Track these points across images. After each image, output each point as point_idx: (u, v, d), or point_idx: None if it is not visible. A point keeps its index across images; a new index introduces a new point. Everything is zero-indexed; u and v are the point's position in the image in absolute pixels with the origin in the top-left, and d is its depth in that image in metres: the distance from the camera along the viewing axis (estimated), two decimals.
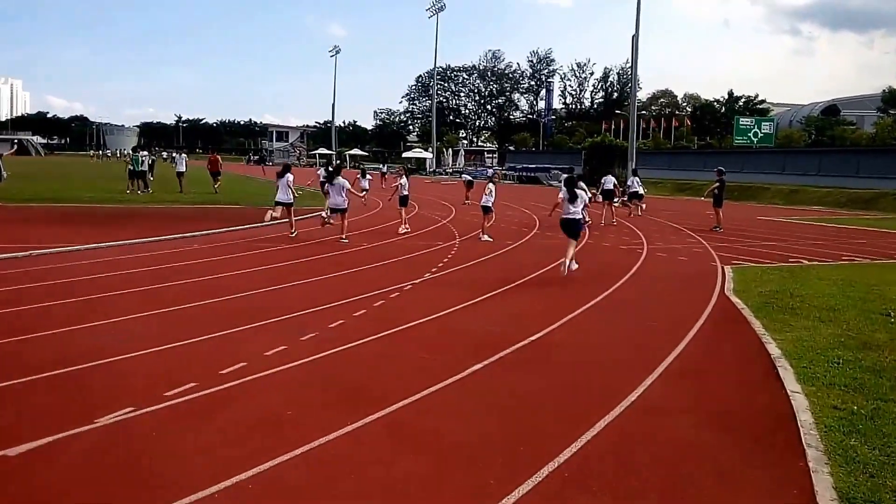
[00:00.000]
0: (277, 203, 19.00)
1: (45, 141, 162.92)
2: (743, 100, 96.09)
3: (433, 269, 13.94)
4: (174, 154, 52.26)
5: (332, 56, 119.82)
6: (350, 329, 8.92)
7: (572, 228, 13.91)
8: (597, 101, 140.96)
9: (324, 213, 20.67)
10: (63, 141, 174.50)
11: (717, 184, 24.54)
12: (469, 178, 38.01)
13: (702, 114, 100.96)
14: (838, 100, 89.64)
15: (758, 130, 70.47)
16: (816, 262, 16.58)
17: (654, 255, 17.11)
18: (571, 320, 9.86)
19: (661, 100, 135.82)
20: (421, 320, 9.56)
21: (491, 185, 21.13)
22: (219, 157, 38.67)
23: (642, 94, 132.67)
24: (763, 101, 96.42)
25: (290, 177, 19.16)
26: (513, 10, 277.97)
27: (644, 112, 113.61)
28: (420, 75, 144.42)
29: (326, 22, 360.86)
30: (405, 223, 21.43)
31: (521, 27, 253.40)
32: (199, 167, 48.53)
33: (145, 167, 33.67)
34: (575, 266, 13.41)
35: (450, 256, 16.00)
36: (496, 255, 16.64)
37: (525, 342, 8.45)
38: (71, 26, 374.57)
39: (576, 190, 13.95)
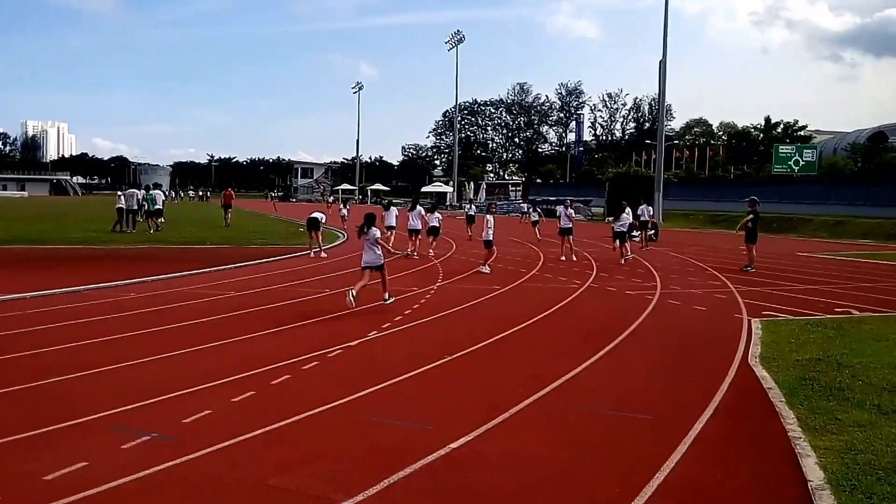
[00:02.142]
0: (365, 267, 13.41)
1: (84, 181, 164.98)
2: (782, 126, 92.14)
3: (384, 325, 11.08)
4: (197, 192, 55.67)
5: (355, 92, 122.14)
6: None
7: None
8: (628, 131, 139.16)
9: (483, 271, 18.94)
10: (104, 181, 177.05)
11: (750, 216, 21.19)
12: (471, 213, 35.50)
13: (738, 141, 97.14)
14: (886, 126, 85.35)
15: (799, 158, 67.16)
16: (870, 314, 13.29)
17: (666, 304, 14.09)
18: (512, 419, 6.89)
19: (696, 129, 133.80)
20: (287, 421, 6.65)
21: (489, 217, 20.77)
22: (232, 192, 43.27)
23: (676, 124, 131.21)
24: (804, 128, 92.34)
25: (375, 232, 13.32)
26: (540, 42, 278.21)
27: (677, 142, 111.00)
28: (447, 110, 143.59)
29: (356, 61, 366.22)
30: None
31: (549, 59, 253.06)
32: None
33: (133, 206, 31.57)
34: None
35: (418, 305, 13.20)
36: (472, 304, 13.75)
37: (431, 458, 5.53)
38: (114, 72, 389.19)
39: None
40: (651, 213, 29.08)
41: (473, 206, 39.60)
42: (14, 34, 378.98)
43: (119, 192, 33.37)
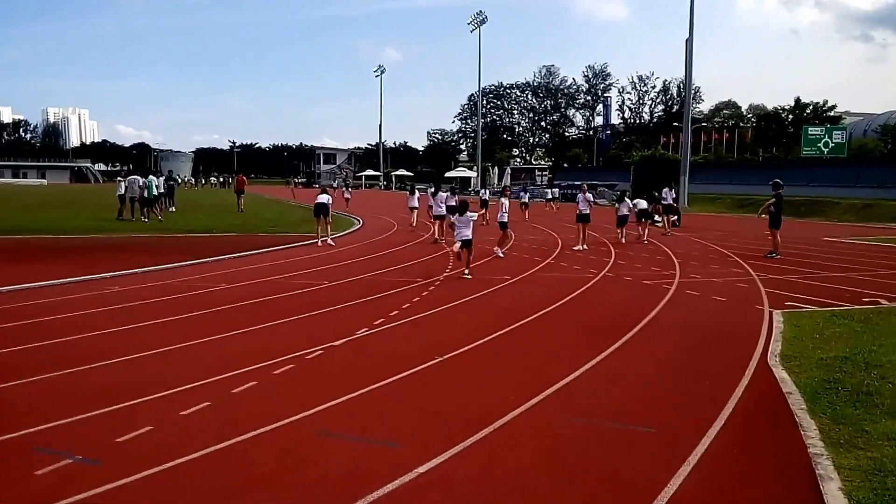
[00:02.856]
0: (461, 241, 15.32)
1: (105, 168, 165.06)
2: (811, 107, 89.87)
3: (377, 321, 10.36)
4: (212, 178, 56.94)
5: (377, 76, 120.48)
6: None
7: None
8: (656, 114, 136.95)
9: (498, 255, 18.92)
10: (126, 167, 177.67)
11: (773, 199, 20.18)
12: (484, 198, 34.97)
13: (766, 123, 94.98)
14: None
15: (828, 140, 65.14)
16: None
17: (683, 294, 13.25)
18: (495, 435, 6.15)
19: (725, 111, 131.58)
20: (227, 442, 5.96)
21: (504, 200, 20.72)
22: (244, 178, 45.13)
23: (704, 107, 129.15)
24: (833, 108, 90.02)
25: (472, 215, 15.67)
26: (569, 25, 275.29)
27: (706, 124, 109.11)
28: (472, 94, 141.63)
29: (382, 46, 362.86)
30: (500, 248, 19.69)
31: (576, 42, 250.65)
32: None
33: (135, 194, 30.77)
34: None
35: (419, 298, 12.47)
36: (477, 296, 12.98)
37: (389, 487, 4.78)
38: (137, 58, 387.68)
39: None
40: (674, 196, 27.98)
41: (488, 191, 38.97)
42: (35, 21, 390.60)
43: (119, 179, 32.81)
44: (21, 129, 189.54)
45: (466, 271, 15.44)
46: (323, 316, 11.01)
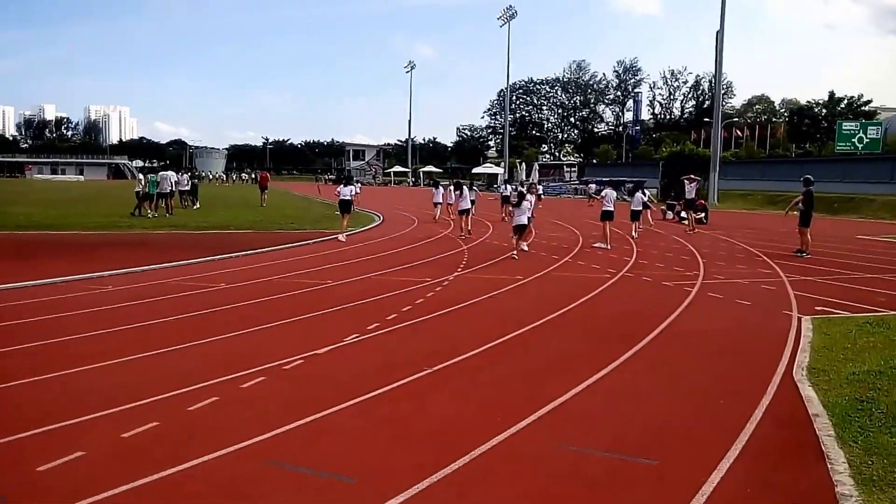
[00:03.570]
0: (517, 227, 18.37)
1: (143, 164, 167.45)
2: (846, 102, 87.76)
3: (371, 326, 9.63)
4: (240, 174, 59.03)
5: (407, 72, 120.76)
6: None
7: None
8: (687, 110, 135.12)
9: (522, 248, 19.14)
10: (163, 164, 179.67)
11: (801, 196, 19.19)
12: (506, 194, 34.38)
13: (799, 118, 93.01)
14: None
15: (863, 135, 63.30)
16: None
17: (705, 297, 12.37)
18: (470, 467, 5.38)
19: (757, 106, 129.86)
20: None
21: (530, 196, 20.70)
22: (268, 174, 46.70)
23: (737, 102, 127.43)
24: (869, 102, 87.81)
25: (528, 203, 18.90)
26: (598, 20, 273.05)
27: (737, 119, 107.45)
28: (501, 90, 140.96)
29: (414, 43, 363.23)
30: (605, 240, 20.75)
31: (608, 38, 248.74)
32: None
33: (166, 189, 30.45)
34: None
35: (423, 299, 11.72)
36: (485, 297, 12.20)
37: None
38: (175, 57, 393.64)
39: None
40: (696, 188, 26.96)
41: (509, 187, 38.31)
42: (79, 22, 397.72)
43: (140, 176, 32.55)
44: (63, 127, 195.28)
45: (525, 245, 18.77)
46: (315, 319, 10.31)
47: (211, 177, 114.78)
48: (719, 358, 8.38)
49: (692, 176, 27.02)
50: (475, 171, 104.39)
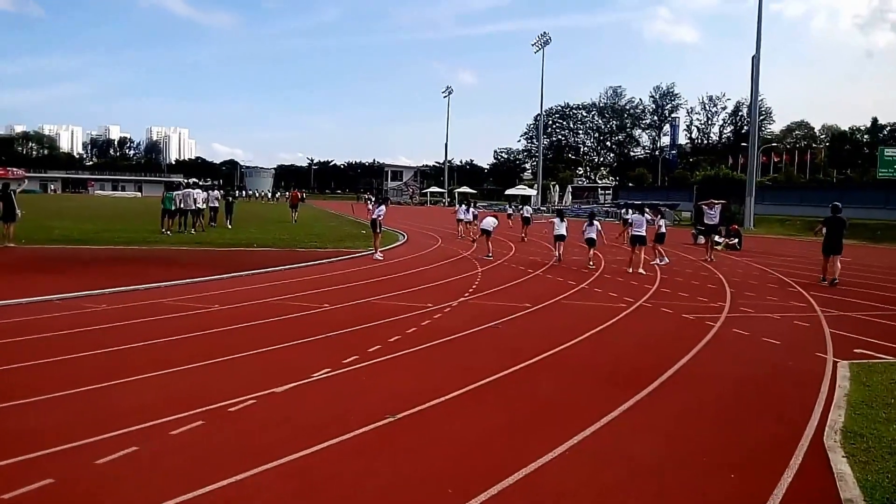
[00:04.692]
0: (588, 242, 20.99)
1: (197, 182, 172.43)
2: (889, 128, 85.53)
3: (346, 360, 8.57)
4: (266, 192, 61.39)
5: (445, 97, 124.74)
6: None
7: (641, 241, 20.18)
8: (725, 135, 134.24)
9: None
10: (217, 182, 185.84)
11: (823, 222, 18.96)
12: (527, 215, 33.87)
13: (840, 144, 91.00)
14: None
15: None
16: None
17: (729, 333, 11.12)
18: None
19: (797, 132, 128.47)
20: None
21: (557, 219, 22.62)
22: (298, 193, 50.51)
23: (776, 128, 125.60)
24: None
25: (648, 217, 21.39)
26: (638, 47, 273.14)
27: (776, 145, 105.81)
28: (538, 114, 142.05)
29: (456, 69, 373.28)
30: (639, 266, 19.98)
31: (645, 64, 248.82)
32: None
33: (191, 206, 29.85)
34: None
35: (416, 328, 10.63)
36: (482, 328, 11.07)
37: None
38: (233, 81, 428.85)
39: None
40: (718, 214, 25.55)
41: (529, 208, 37.73)
42: (145, 47, 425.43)
43: (166, 192, 32.02)
44: (125, 146, 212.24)
45: (591, 263, 20.65)
46: (291, 349, 9.28)
47: (258, 195, 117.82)
48: (736, 412, 7.16)
49: (713, 200, 25.42)
50: (508, 192, 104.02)
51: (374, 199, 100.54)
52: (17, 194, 23.47)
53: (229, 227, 33.46)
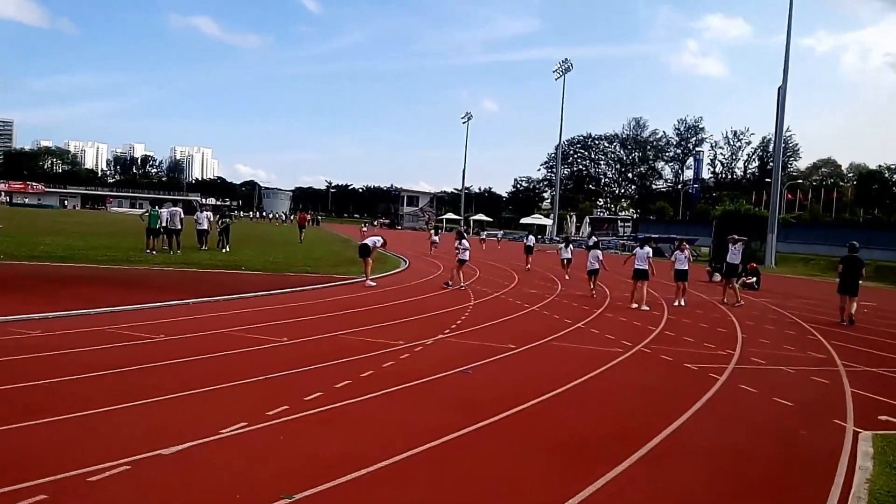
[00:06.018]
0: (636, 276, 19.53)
1: (215, 202, 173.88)
2: None
3: (279, 409, 7.19)
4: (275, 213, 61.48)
5: (464, 122, 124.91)
6: None
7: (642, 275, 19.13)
8: (750, 170, 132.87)
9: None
10: (236, 203, 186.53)
11: (840, 263, 18.05)
12: (530, 244, 32.91)
13: (868, 182, 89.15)
14: None
15: None
16: None
17: (734, 390, 9.60)
18: None
19: (823, 169, 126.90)
20: None
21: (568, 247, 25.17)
22: (306, 215, 52.96)
23: (802, 164, 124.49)
24: None
25: (649, 250, 20.06)
26: (664, 80, 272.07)
27: (802, 181, 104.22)
28: (559, 143, 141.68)
29: (479, 96, 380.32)
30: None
31: (670, 96, 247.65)
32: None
33: (176, 226, 28.68)
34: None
35: (374, 371, 9.22)
36: (452, 373, 9.64)
37: None
38: (256, 103, 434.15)
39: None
40: (739, 252, 23.93)
41: (532, 237, 36.48)
42: (175, 66, 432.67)
43: (144, 209, 31.00)
44: (148, 164, 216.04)
45: (594, 292, 20.93)
46: (212, 395, 7.87)
47: (273, 216, 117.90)
48: (734, 500, 5.68)
49: (734, 236, 23.53)
50: (523, 220, 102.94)
51: (370, 223, 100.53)
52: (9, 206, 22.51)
53: (225, 250, 32.04)
